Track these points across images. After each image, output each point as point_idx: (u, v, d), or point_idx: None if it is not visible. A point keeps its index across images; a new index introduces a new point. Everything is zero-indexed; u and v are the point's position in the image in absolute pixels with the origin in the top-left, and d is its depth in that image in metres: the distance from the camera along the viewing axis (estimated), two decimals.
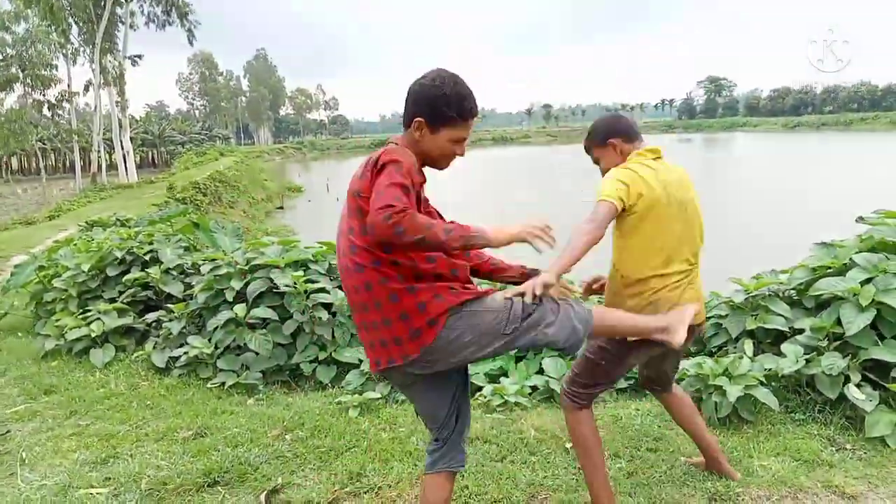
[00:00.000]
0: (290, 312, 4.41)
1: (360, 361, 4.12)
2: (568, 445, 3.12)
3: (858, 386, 3.21)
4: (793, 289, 3.97)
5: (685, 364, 3.56)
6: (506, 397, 3.68)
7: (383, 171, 1.83)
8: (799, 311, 3.83)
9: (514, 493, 2.73)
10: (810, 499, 2.61)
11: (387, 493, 2.82)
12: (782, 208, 18.77)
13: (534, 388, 3.92)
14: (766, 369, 3.43)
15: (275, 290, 4.48)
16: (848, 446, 3.01)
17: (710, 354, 4.00)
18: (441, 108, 1.94)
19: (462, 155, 2.06)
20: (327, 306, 4.46)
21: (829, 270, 3.85)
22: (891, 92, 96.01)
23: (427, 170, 2.06)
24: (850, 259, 3.75)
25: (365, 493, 2.83)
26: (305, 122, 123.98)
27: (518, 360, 4.31)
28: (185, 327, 4.75)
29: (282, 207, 31.11)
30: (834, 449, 3.01)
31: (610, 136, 2.49)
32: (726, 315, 3.98)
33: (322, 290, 4.47)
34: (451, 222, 1.93)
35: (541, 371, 4.04)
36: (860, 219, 4.15)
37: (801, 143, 56.62)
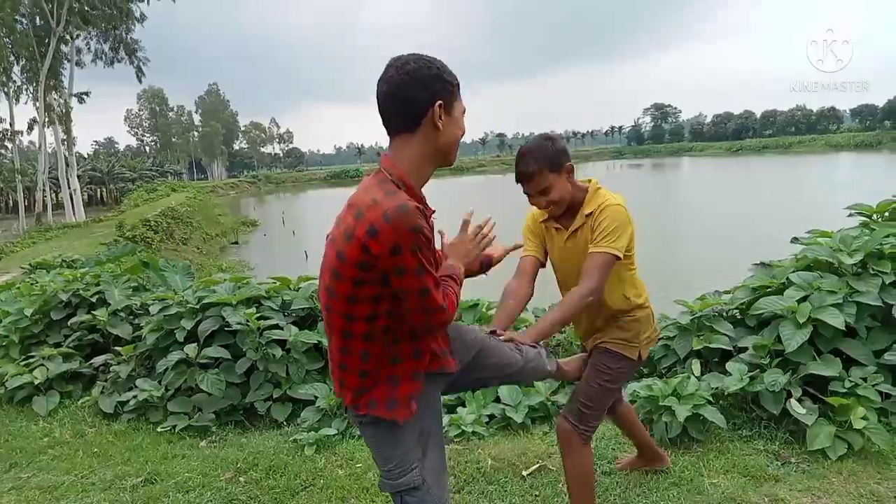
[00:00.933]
0: (242, 351, 4.34)
1: (316, 398, 4.08)
2: (525, 473, 3.14)
3: (800, 400, 3.33)
4: (735, 308, 4.11)
5: (636, 386, 3.65)
6: (462, 427, 3.68)
7: (408, 259, 1.55)
8: (742, 329, 3.96)
9: None
10: None
11: None
12: (725, 231, 19.35)
13: (491, 417, 3.94)
14: (713, 388, 3.54)
15: (227, 329, 4.41)
16: (792, 460, 3.11)
17: (660, 376, 4.09)
18: (446, 82, 1.69)
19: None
20: (281, 343, 4.41)
21: (768, 290, 4.02)
22: (824, 116, 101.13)
23: None
24: (787, 278, 3.92)
25: None
26: (260, 155, 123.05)
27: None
28: (133, 370, 4.62)
29: (237, 242, 30.62)
30: (779, 463, 3.10)
31: (565, 159, 2.28)
32: (674, 336, 4.09)
33: (275, 326, 4.42)
34: (447, 277, 1.77)
35: (497, 400, 4.06)
36: (794, 239, 4.35)
37: (743, 167, 58.82)
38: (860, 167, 45.73)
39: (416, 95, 1.64)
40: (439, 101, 1.66)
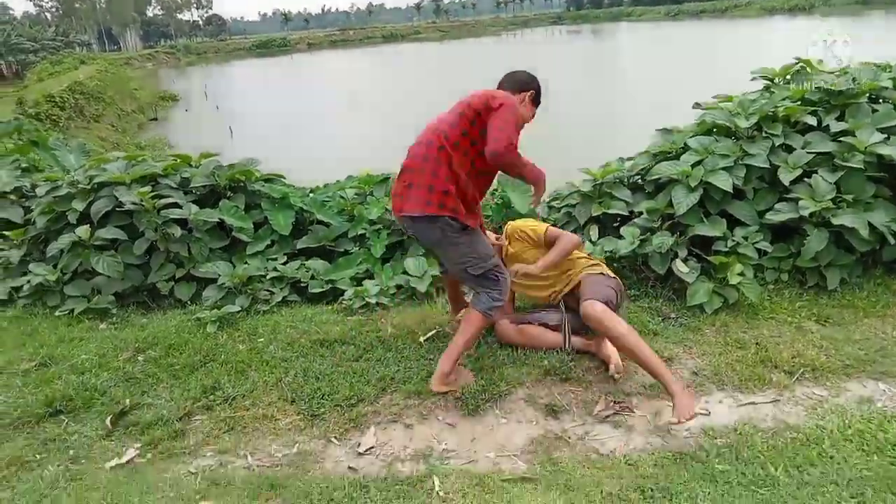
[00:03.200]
0: (140, 231, 4.18)
1: (219, 276, 4.02)
2: (422, 339, 3.24)
3: (685, 261, 3.49)
4: (635, 174, 4.18)
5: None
6: (367, 299, 3.73)
7: (505, 108, 2.54)
8: (640, 194, 4.06)
9: (365, 389, 2.83)
10: (632, 366, 2.86)
11: (240, 402, 2.85)
12: (651, 97, 19.36)
13: (399, 287, 4.00)
14: (606, 252, 3.66)
15: (123, 209, 4.22)
16: (672, 315, 3.32)
17: None
18: (540, 96, 2.85)
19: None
20: (182, 222, 4.26)
21: (668, 155, 4.08)
22: None
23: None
24: (685, 143, 3.98)
25: (218, 404, 2.84)
26: (178, 24, 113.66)
27: (385, 261, 4.36)
28: (26, 255, 4.42)
29: (156, 118, 28.90)
30: (660, 318, 3.30)
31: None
32: (576, 203, 4.16)
33: (174, 205, 4.25)
34: (533, 165, 2.66)
35: (405, 272, 4.10)
36: (696, 105, 4.37)
37: (679, 31, 58.27)
38: (790, 30, 46.06)
39: (523, 78, 2.84)
40: (532, 91, 2.81)
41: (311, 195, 4.82)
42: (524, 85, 2.79)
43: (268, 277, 4.13)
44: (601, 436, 2.49)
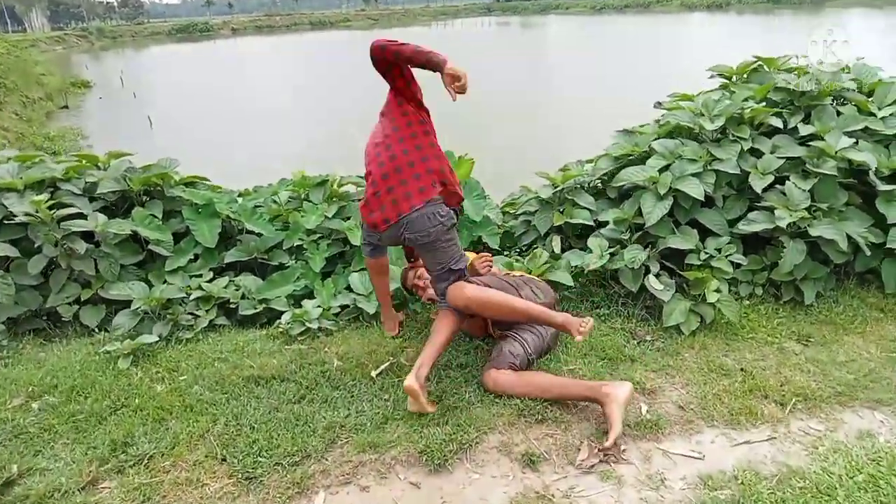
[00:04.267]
0: (37, 247, 3.58)
1: (133, 299, 3.48)
2: (374, 374, 2.84)
3: (658, 275, 3.23)
4: (598, 179, 3.91)
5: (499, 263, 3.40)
6: (307, 324, 3.29)
7: None
8: (604, 201, 3.78)
9: (310, 441, 2.40)
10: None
11: (159, 462, 2.37)
12: (591, 95, 19.42)
13: (343, 308, 3.57)
14: (573, 267, 3.36)
15: (14, 221, 3.60)
16: (648, 338, 3.04)
17: (521, 252, 3.89)
18: None
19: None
20: (87, 235, 3.68)
21: (631, 158, 3.82)
22: None
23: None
24: (650, 146, 3.72)
25: (131, 466, 2.35)
26: (89, 5, 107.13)
27: (326, 275, 3.92)
28: None
29: (66, 107, 26.95)
30: (636, 342, 3.02)
31: None
32: (535, 211, 3.84)
33: (78, 215, 3.67)
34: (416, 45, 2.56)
35: (349, 288, 3.67)
36: (658, 104, 4.14)
37: (606, 26, 59.43)
38: (714, 26, 47.75)
39: None
40: None
41: (239, 200, 4.31)
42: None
43: (191, 298, 3.62)
44: (588, 491, 2.17)
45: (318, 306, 3.47)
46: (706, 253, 3.30)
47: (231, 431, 2.49)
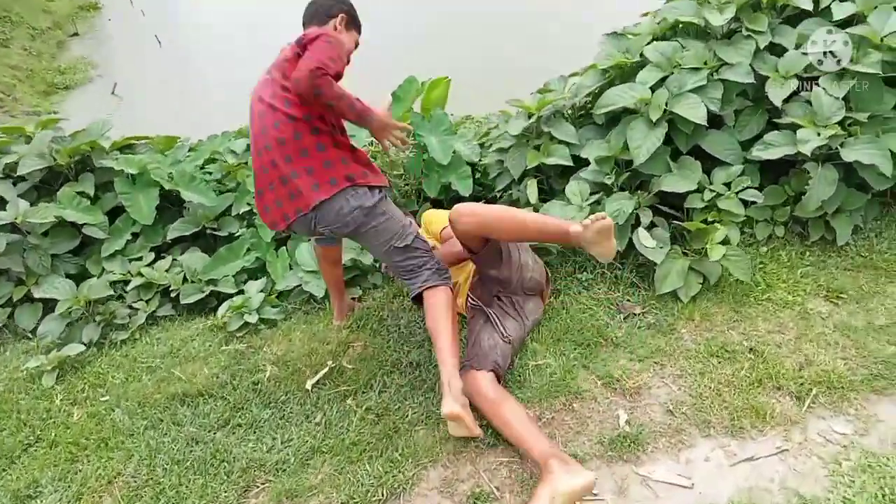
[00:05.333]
0: None
1: (59, 301, 3.11)
2: (308, 386, 2.43)
3: (651, 225, 2.65)
4: (582, 100, 3.22)
5: None
6: (246, 317, 2.87)
7: (319, 39, 2.04)
8: (590, 129, 3.12)
9: (221, 490, 2.05)
10: (586, 407, 2.10)
11: None
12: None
13: (293, 289, 3.14)
14: None
15: None
16: (637, 311, 2.51)
17: (495, 199, 3.32)
18: (356, 15, 2.35)
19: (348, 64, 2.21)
20: (11, 227, 3.30)
21: (622, 69, 3.11)
22: None
23: None
24: (642, 53, 2.99)
25: None
26: None
27: (281, 243, 3.46)
28: None
29: (77, 34, 26.19)
30: (622, 317, 2.50)
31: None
32: (508, 148, 3.21)
33: None
34: (357, 99, 2.09)
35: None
36: None
37: None
38: None
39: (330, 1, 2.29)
40: (342, 14, 2.28)
41: (180, 164, 3.81)
42: (329, 10, 2.28)
43: (131, 287, 3.24)
44: None
45: (262, 291, 3.04)
46: (712, 191, 2.66)
47: (141, 477, 2.16)
